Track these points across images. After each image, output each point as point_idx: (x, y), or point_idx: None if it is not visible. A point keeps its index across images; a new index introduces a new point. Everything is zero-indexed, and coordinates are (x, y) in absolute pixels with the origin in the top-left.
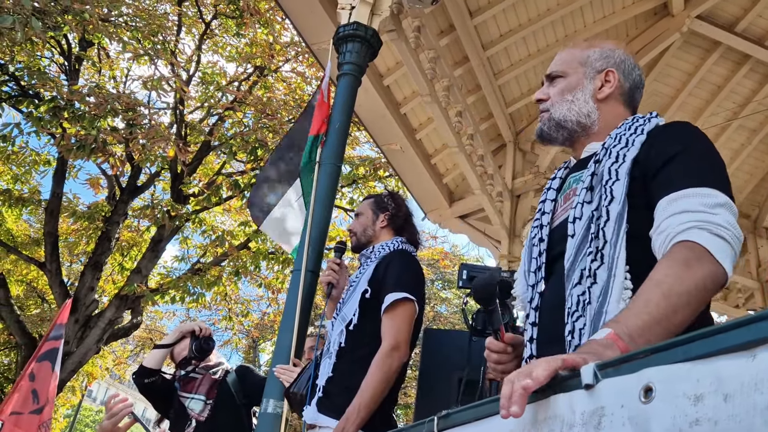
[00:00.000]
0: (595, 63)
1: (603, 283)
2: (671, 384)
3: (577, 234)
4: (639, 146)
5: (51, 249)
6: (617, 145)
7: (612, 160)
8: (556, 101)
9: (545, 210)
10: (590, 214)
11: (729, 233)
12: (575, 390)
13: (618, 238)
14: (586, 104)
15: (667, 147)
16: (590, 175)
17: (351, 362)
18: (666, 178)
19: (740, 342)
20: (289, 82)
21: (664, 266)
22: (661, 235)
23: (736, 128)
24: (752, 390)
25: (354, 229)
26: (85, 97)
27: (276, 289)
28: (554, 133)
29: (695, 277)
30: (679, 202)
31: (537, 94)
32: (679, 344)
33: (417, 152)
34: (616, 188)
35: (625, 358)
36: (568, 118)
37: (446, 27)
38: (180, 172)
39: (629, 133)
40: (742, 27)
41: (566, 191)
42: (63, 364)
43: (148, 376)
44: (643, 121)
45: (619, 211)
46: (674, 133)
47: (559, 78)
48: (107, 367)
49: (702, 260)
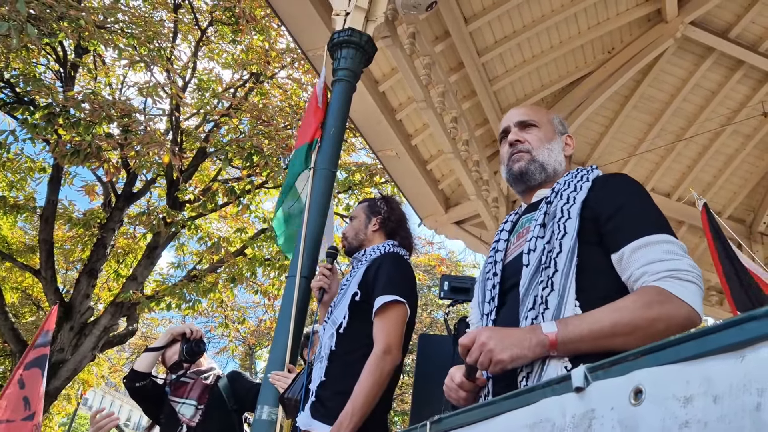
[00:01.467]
0: (558, 126)
1: (554, 308)
2: (661, 386)
3: (531, 264)
4: (587, 191)
5: (46, 256)
6: (567, 189)
7: (564, 201)
8: (536, 146)
9: (498, 248)
10: (543, 246)
11: (693, 275)
12: (566, 393)
13: (570, 269)
14: (558, 155)
15: (615, 197)
16: (543, 214)
17: (343, 366)
18: (621, 225)
19: (729, 343)
20: (285, 88)
21: (631, 299)
22: (638, 282)
23: (731, 134)
24: (741, 391)
25: (347, 233)
26: (80, 103)
27: (272, 296)
28: (537, 174)
29: (648, 316)
30: (644, 250)
31: (515, 136)
32: (669, 346)
33: (413, 158)
34: (569, 225)
35: (615, 360)
36: (549, 162)
37: (441, 33)
38: (176, 179)
39: (576, 180)
40: (736, 33)
41: (519, 231)
42: (58, 371)
43: (139, 380)
44: (586, 171)
45: (571, 246)
46: (619, 184)
47: (533, 127)
48: (103, 375)
49: (665, 304)
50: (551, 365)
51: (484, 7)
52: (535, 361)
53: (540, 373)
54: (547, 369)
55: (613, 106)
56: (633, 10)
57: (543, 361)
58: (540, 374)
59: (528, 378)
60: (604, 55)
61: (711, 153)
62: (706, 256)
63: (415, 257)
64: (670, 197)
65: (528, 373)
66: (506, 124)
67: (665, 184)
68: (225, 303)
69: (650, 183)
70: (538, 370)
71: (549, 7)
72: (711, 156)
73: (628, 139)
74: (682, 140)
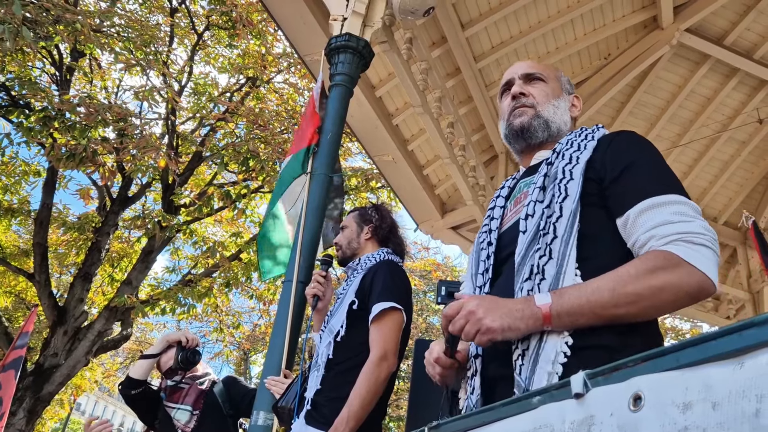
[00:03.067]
0: (565, 84)
1: (551, 279)
2: (660, 392)
3: (528, 231)
4: (591, 150)
5: (40, 260)
6: (569, 148)
7: (565, 161)
8: (541, 101)
9: (494, 216)
10: (542, 211)
11: (707, 237)
12: (565, 399)
13: (570, 235)
14: (564, 115)
15: (621, 155)
16: (542, 176)
17: (339, 373)
18: (627, 186)
19: (728, 350)
20: (281, 93)
21: (633, 265)
22: (644, 248)
23: (726, 140)
24: (740, 397)
25: (339, 242)
26: (76, 107)
27: (267, 301)
28: (540, 132)
29: (652, 284)
30: (651, 212)
31: (518, 88)
32: (669, 352)
33: (409, 163)
34: (571, 187)
35: (614, 367)
36: (554, 120)
37: (438, 39)
38: (171, 183)
39: (580, 138)
40: (731, 40)
41: (516, 196)
42: (51, 376)
43: (134, 387)
44: (591, 130)
45: (572, 209)
46: (626, 141)
47: (540, 81)
48: (96, 380)
49: (672, 270)
50: (549, 342)
51: (480, 13)
52: (531, 336)
53: (537, 351)
54: (545, 346)
55: (609, 111)
56: (629, 17)
57: (540, 337)
58: (537, 351)
59: (524, 356)
60: (600, 61)
61: (707, 159)
62: None
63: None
64: None
65: (524, 350)
66: (510, 77)
67: None
68: (220, 308)
69: None
70: (535, 348)
71: (545, 13)
72: (707, 162)
73: None
74: (678, 146)
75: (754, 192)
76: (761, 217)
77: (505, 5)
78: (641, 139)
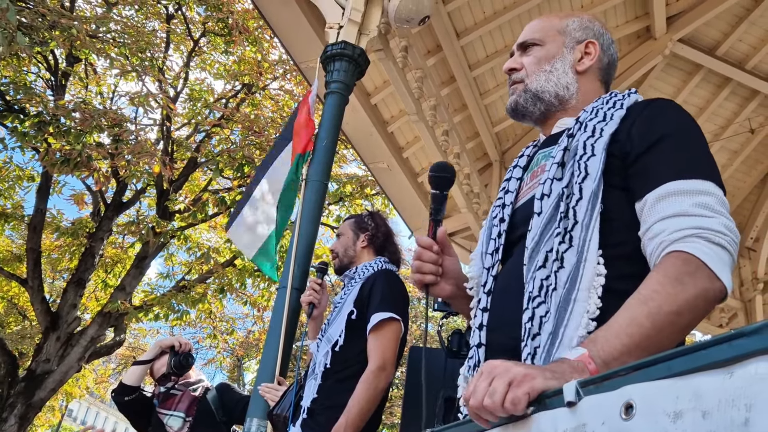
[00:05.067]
0: (574, 33)
1: (571, 268)
2: (651, 401)
3: (544, 212)
4: (618, 121)
5: (33, 265)
6: (594, 118)
7: (588, 134)
8: (532, 71)
9: (509, 189)
10: (560, 191)
11: (728, 239)
12: (558, 408)
13: (591, 219)
14: (566, 75)
15: (651, 127)
16: (562, 150)
17: (336, 382)
18: (651, 165)
19: (718, 359)
20: (277, 99)
21: (654, 281)
22: (654, 240)
23: (718, 149)
24: (729, 406)
25: (336, 250)
26: (71, 112)
27: (261, 307)
28: (531, 107)
29: (687, 296)
30: (670, 199)
31: (508, 64)
32: (660, 361)
33: (404, 170)
34: (591, 164)
35: (606, 376)
36: (546, 89)
37: (433, 47)
38: (166, 189)
39: (607, 107)
40: (723, 50)
41: (533, 169)
42: (43, 382)
43: (128, 394)
44: (621, 96)
45: (593, 190)
46: (659, 112)
47: (534, 46)
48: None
49: (696, 276)
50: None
51: (475, 21)
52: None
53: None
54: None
55: None
56: (622, 27)
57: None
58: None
59: (535, 356)
60: None
61: None
62: None
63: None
64: None
65: (535, 348)
66: (513, 48)
67: None
68: (214, 314)
69: None
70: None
71: None
72: None
73: None
74: None
75: (746, 202)
76: (753, 225)
77: (500, 14)
78: (678, 109)
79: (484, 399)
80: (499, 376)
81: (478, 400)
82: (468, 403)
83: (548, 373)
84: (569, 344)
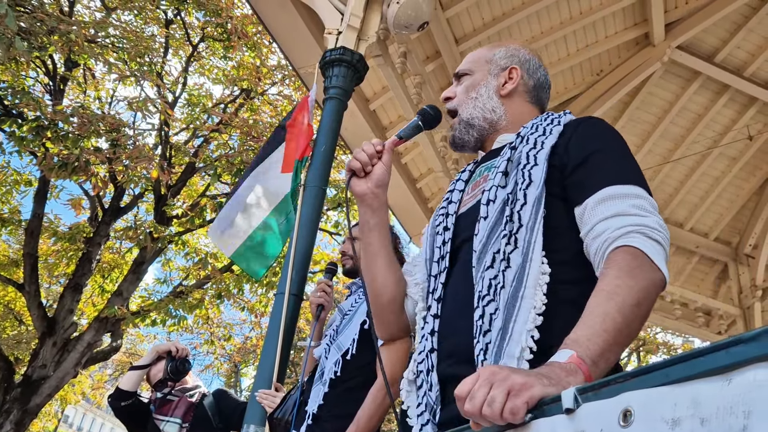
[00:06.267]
0: (499, 61)
1: (517, 268)
2: (649, 408)
3: (490, 216)
4: (557, 135)
5: (30, 270)
6: (534, 132)
7: (530, 146)
8: (462, 99)
9: (452, 199)
10: (505, 197)
11: (662, 235)
12: (556, 415)
13: (535, 222)
14: (490, 99)
15: (586, 142)
16: (506, 161)
17: (345, 391)
18: (589, 174)
19: (716, 366)
20: (276, 104)
21: (612, 276)
22: (598, 239)
23: (717, 156)
24: (727, 414)
25: (349, 252)
26: (69, 117)
27: (259, 313)
28: (465, 135)
29: (642, 287)
30: (609, 202)
31: (445, 92)
32: (658, 368)
33: (402, 176)
34: (535, 173)
35: (605, 382)
36: (474, 114)
37: (432, 53)
38: (164, 194)
39: (546, 123)
40: (721, 58)
41: (475, 180)
42: (39, 388)
43: (124, 399)
44: (558, 115)
45: (537, 196)
46: (592, 128)
47: (465, 76)
48: (83, 392)
49: (644, 268)
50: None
51: (474, 28)
52: (493, 329)
53: (500, 346)
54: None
55: None
56: (621, 34)
57: (503, 332)
58: (500, 346)
59: (486, 351)
60: (593, 76)
61: (698, 175)
62: (692, 278)
63: None
64: None
65: (486, 344)
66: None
67: None
68: (211, 319)
69: None
70: (497, 342)
71: (539, 29)
72: (698, 178)
73: None
74: (669, 162)
75: (744, 209)
76: (752, 232)
77: (498, 21)
78: (608, 126)
79: (483, 407)
80: (498, 383)
81: (476, 408)
82: (463, 405)
83: (545, 380)
84: (518, 339)
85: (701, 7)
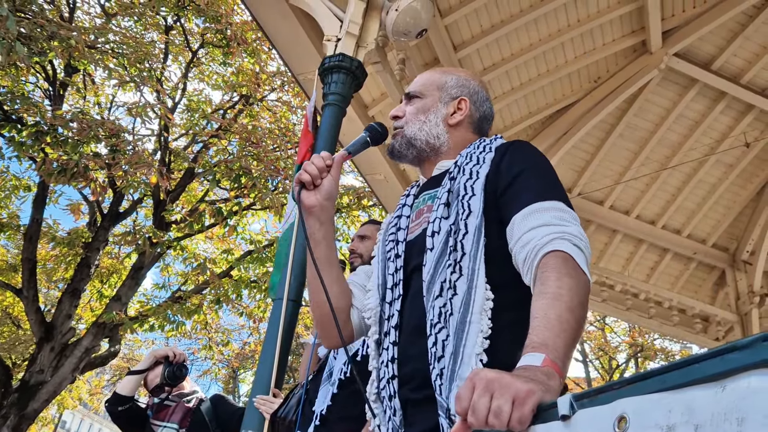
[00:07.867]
0: (450, 89)
1: (463, 295)
2: (644, 414)
3: (435, 247)
4: (489, 162)
5: (28, 275)
6: (469, 162)
7: (467, 176)
8: (409, 120)
9: (401, 226)
10: (448, 228)
11: (583, 243)
12: (552, 421)
13: (477, 250)
14: (437, 127)
15: (513, 164)
16: (446, 192)
17: (353, 393)
18: (516, 193)
19: (711, 373)
20: (275, 110)
21: (553, 278)
22: (526, 247)
23: (714, 163)
24: (722, 420)
25: (359, 251)
26: (69, 122)
27: (257, 319)
28: (404, 151)
29: (580, 287)
30: (534, 215)
31: (393, 111)
32: (653, 375)
33: (401, 182)
34: (473, 203)
35: (600, 389)
36: (418, 137)
37: (431, 60)
38: (163, 199)
39: (479, 151)
40: (718, 65)
41: (419, 207)
42: (37, 393)
43: (121, 404)
44: (489, 141)
45: (477, 225)
46: (517, 152)
47: (416, 98)
48: (81, 397)
49: (576, 269)
50: (465, 361)
51: (472, 35)
52: (446, 355)
53: (454, 369)
54: (461, 364)
55: (598, 134)
56: (619, 41)
57: (455, 356)
58: (454, 370)
59: (442, 376)
60: (590, 84)
61: (695, 182)
62: (690, 284)
63: None
64: (655, 224)
65: (441, 369)
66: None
67: (650, 212)
68: (209, 325)
69: (635, 210)
70: (450, 366)
71: (536, 36)
72: (695, 185)
73: (613, 167)
74: (666, 169)
75: (742, 215)
76: (749, 239)
77: (497, 28)
78: (531, 148)
79: (490, 418)
80: (500, 391)
81: (482, 420)
82: (467, 419)
83: (540, 385)
84: (468, 362)
85: (698, 14)
